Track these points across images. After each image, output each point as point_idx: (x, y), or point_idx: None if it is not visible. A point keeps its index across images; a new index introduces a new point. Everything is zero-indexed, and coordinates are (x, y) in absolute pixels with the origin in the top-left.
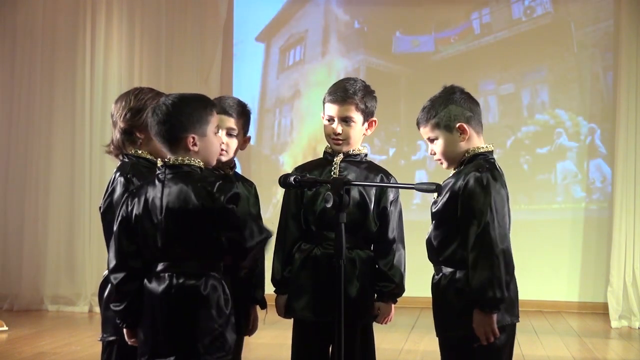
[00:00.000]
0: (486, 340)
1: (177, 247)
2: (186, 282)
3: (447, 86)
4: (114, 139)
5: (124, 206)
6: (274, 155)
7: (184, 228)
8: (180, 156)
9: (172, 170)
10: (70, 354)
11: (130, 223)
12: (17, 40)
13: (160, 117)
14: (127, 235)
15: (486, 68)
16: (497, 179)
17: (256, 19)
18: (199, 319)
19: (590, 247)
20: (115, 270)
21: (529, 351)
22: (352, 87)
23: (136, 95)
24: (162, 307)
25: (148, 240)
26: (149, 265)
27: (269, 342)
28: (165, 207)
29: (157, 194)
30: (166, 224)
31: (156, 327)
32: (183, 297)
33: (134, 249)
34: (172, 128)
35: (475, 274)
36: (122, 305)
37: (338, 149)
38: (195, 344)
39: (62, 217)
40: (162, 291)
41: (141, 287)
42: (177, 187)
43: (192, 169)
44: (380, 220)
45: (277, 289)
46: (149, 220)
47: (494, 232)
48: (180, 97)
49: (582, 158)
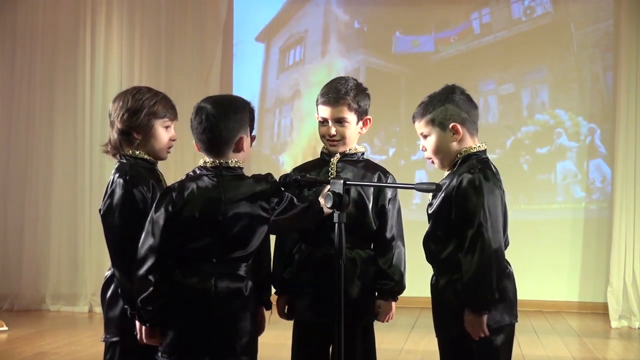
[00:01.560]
0: (477, 338)
1: (232, 247)
2: (230, 283)
3: (448, 85)
4: (112, 138)
5: (169, 205)
6: (274, 155)
7: (243, 230)
8: (227, 157)
9: (229, 172)
10: (71, 354)
11: (177, 219)
12: (17, 40)
13: (213, 120)
14: (174, 235)
15: (486, 68)
16: (489, 179)
17: (256, 19)
18: (239, 319)
19: (590, 247)
20: (155, 268)
21: (529, 351)
22: (344, 87)
23: (134, 96)
24: (204, 307)
25: (198, 237)
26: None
27: (269, 342)
28: (228, 208)
29: (214, 194)
30: (227, 225)
31: (193, 327)
32: (228, 299)
33: (175, 249)
34: (228, 130)
35: (467, 274)
36: (157, 304)
37: (334, 150)
38: (233, 344)
39: (63, 217)
40: (206, 291)
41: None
42: (242, 190)
43: (242, 172)
44: (379, 218)
45: (277, 291)
46: (206, 219)
47: (487, 233)
48: (224, 100)
49: (582, 158)
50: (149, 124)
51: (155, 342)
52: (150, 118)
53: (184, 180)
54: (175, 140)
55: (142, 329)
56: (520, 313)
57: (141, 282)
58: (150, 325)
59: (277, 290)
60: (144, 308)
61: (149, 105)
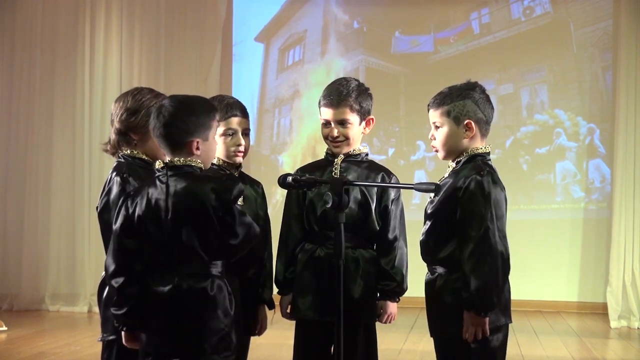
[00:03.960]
0: (474, 339)
1: (184, 248)
2: (193, 283)
3: (471, 81)
4: (111, 138)
5: (123, 208)
6: (273, 155)
7: (191, 228)
8: (181, 157)
9: (174, 171)
10: (70, 354)
11: (133, 225)
12: (17, 41)
13: (167, 119)
14: (129, 237)
15: (485, 68)
16: (497, 183)
17: (255, 19)
18: (206, 319)
19: (589, 247)
20: (116, 273)
21: (529, 351)
22: (346, 88)
23: (134, 96)
24: (168, 309)
25: (152, 241)
26: (150, 267)
27: (269, 342)
28: (171, 208)
29: (160, 195)
30: (173, 225)
31: (161, 329)
32: (191, 299)
33: (136, 251)
34: (178, 131)
35: (476, 279)
36: (124, 309)
37: (337, 151)
38: (202, 344)
39: (62, 217)
40: (169, 293)
41: (142, 289)
42: (182, 188)
43: (193, 170)
44: (382, 219)
45: (280, 290)
46: (154, 222)
47: (494, 237)
48: (186, 101)
49: (582, 158)
50: (147, 125)
51: (134, 345)
52: (149, 119)
53: (140, 185)
54: None
55: (122, 332)
56: (519, 313)
57: (110, 288)
58: (127, 330)
59: (279, 289)
60: (115, 313)
61: (148, 106)
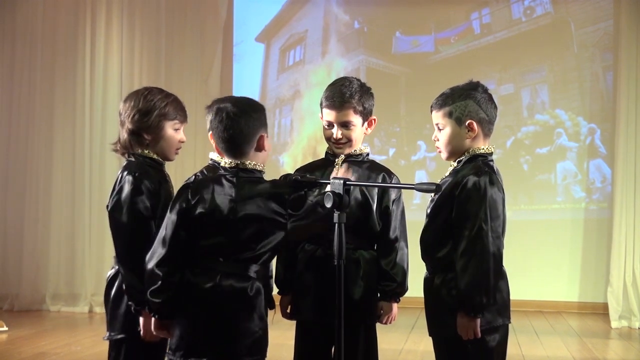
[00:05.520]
0: (468, 339)
1: (241, 248)
2: (235, 283)
3: (473, 81)
4: (121, 138)
5: (182, 199)
6: (274, 155)
7: (255, 232)
8: (247, 159)
9: (246, 174)
10: (71, 354)
11: (190, 216)
12: (17, 41)
13: (237, 115)
14: (185, 229)
15: (486, 68)
16: (494, 183)
17: (256, 19)
18: (242, 320)
19: (590, 248)
20: (163, 261)
21: (529, 351)
22: (349, 90)
23: (145, 97)
24: (207, 305)
25: (208, 236)
26: (192, 261)
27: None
28: (240, 209)
29: (228, 194)
30: (238, 225)
31: (197, 325)
32: (231, 298)
33: (187, 243)
34: (249, 127)
35: (464, 277)
36: (165, 297)
37: (340, 152)
38: (235, 345)
39: (62, 218)
40: (210, 289)
41: (181, 280)
42: (254, 192)
43: (261, 175)
44: (383, 219)
45: (280, 290)
46: (217, 218)
47: (487, 237)
48: (242, 99)
49: (582, 158)
50: (159, 126)
51: (164, 334)
52: (161, 119)
53: (202, 179)
54: (184, 143)
55: (152, 320)
56: (520, 313)
57: (150, 274)
58: (159, 318)
59: (280, 289)
60: (152, 300)
61: (160, 107)
